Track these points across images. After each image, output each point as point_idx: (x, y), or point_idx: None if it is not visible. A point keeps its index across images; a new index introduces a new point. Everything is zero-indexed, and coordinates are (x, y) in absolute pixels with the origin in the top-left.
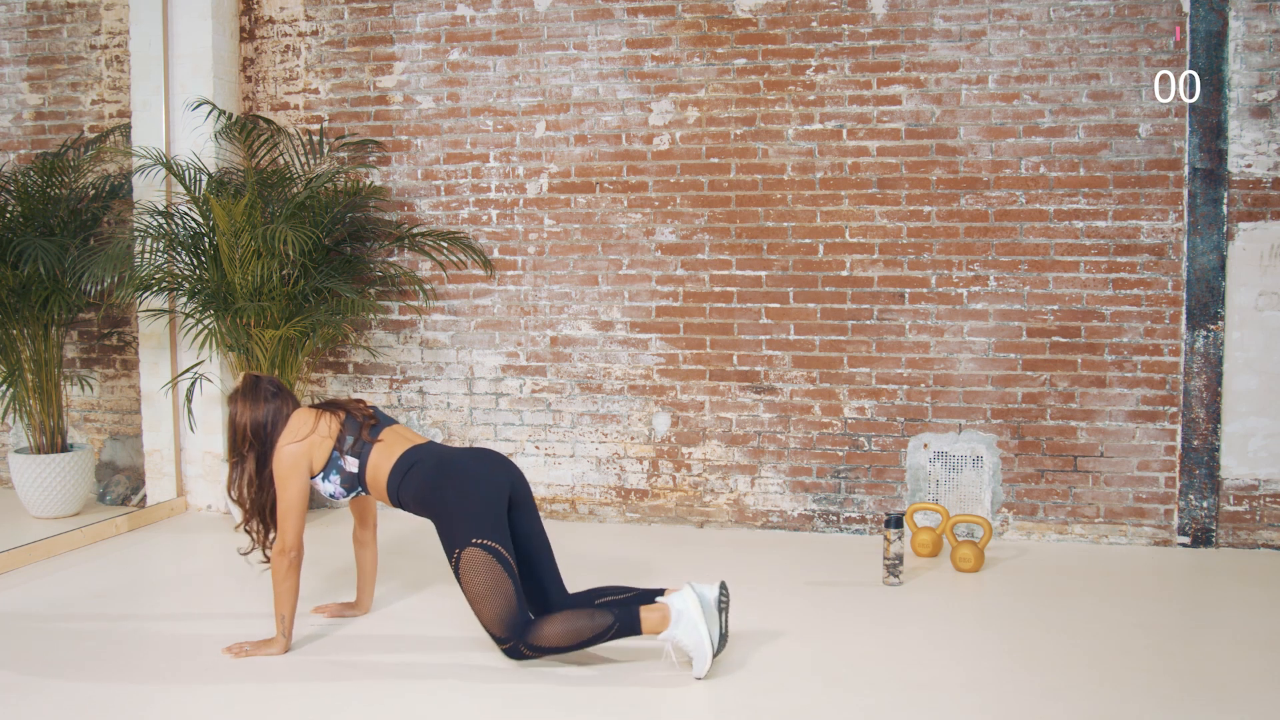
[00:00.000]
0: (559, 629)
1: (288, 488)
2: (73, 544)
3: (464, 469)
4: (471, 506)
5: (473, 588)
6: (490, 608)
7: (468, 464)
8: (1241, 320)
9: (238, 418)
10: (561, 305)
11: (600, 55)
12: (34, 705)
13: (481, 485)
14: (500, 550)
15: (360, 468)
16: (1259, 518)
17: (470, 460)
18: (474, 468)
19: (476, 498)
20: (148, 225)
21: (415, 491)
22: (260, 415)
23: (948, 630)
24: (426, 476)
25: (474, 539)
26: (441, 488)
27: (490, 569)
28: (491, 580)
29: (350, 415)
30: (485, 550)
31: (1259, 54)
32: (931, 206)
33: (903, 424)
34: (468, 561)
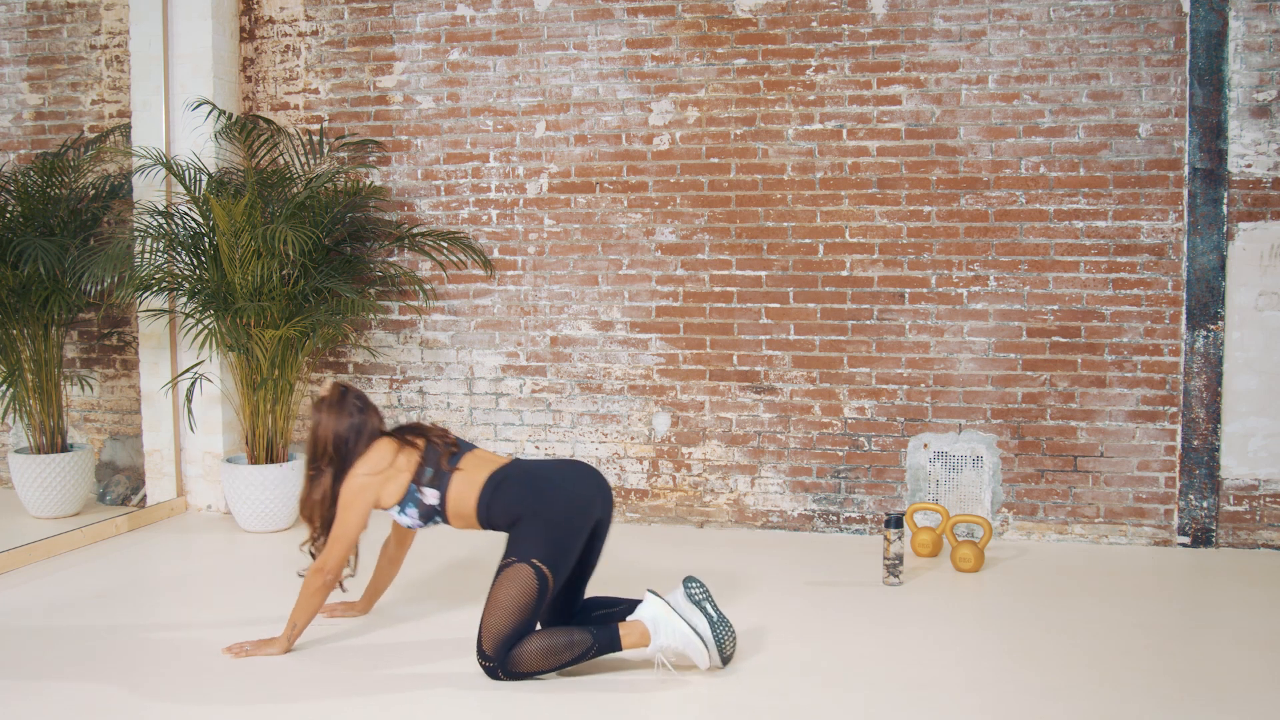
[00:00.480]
0: (536, 648)
1: (348, 515)
2: (73, 544)
3: (568, 491)
4: (556, 532)
5: (501, 597)
6: (501, 622)
7: (572, 485)
8: (1241, 320)
9: (320, 428)
10: (561, 305)
11: (600, 55)
12: (33, 706)
13: (576, 516)
14: (550, 581)
15: (440, 499)
16: (1259, 518)
17: (574, 481)
18: (578, 491)
19: (567, 527)
20: (148, 225)
21: (508, 504)
22: (343, 428)
23: (948, 630)
24: (521, 489)
25: (535, 559)
26: (539, 501)
27: (528, 593)
28: (522, 602)
29: (431, 444)
30: (537, 575)
31: (1259, 54)
32: (931, 206)
33: (903, 424)
34: (515, 574)
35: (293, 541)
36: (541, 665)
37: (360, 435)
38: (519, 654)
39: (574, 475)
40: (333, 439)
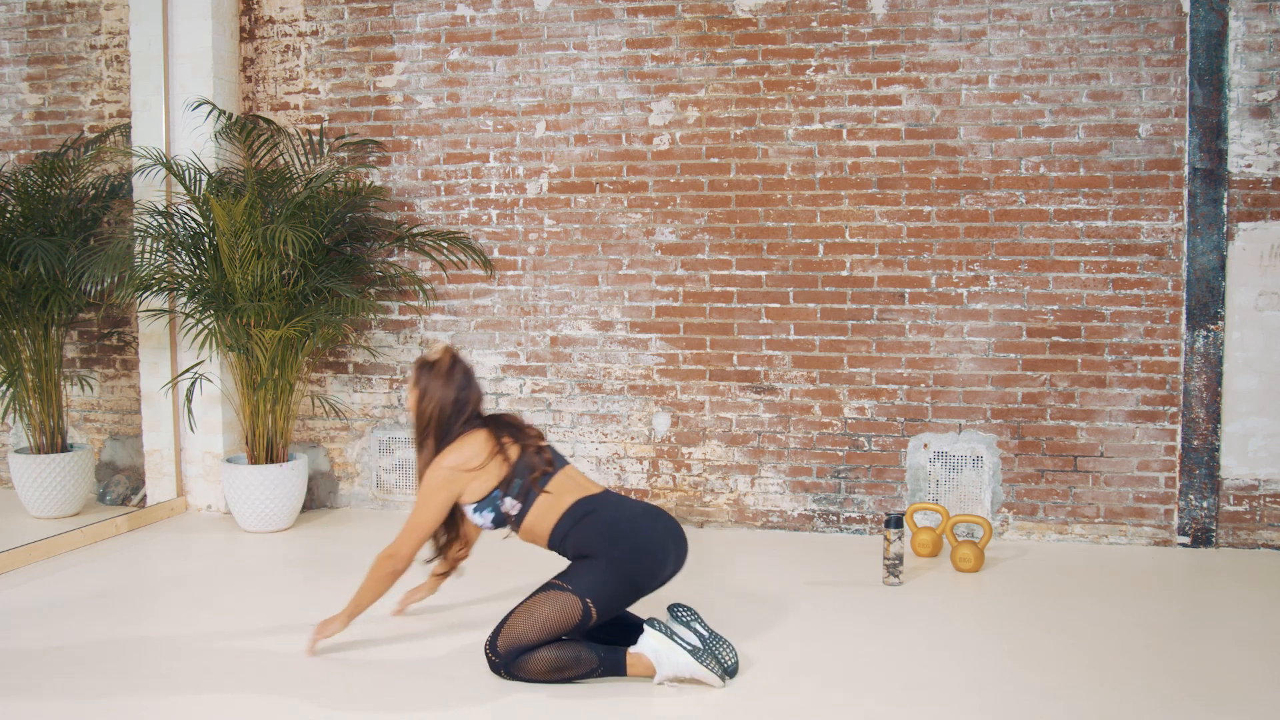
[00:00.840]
0: (544, 658)
1: (428, 506)
2: (73, 544)
3: (648, 550)
4: (620, 585)
5: (540, 611)
6: (527, 632)
7: (652, 545)
8: (1241, 320)
9: (427, 399)
10: (561, 305)
11: (600, 55)
12: (34, 705)
13: (645, 576)
14: (593, 619)
15: (520, 514)
16: (1259, 518)
17: (655, 540)
18: (657, 553)
19: (631, 583)
20: (148, 225)
21: (584, 540)
22: (449, 402)
23: (948, 630)
24: (603, 531)
25: (589, 598)
26: (615, 549)
27: (566, 620)
28: (556, 624)
29: (525, 455)
30: (583, 610)
31: (1259, 54)
32: (931, 206)
33: (903, 424)
34: (563, 599)
35: (292, 542)
36: (545, 676)
37: (461, 413)
38: (528, 661)
39: (657, 534)
40: (438, 412)
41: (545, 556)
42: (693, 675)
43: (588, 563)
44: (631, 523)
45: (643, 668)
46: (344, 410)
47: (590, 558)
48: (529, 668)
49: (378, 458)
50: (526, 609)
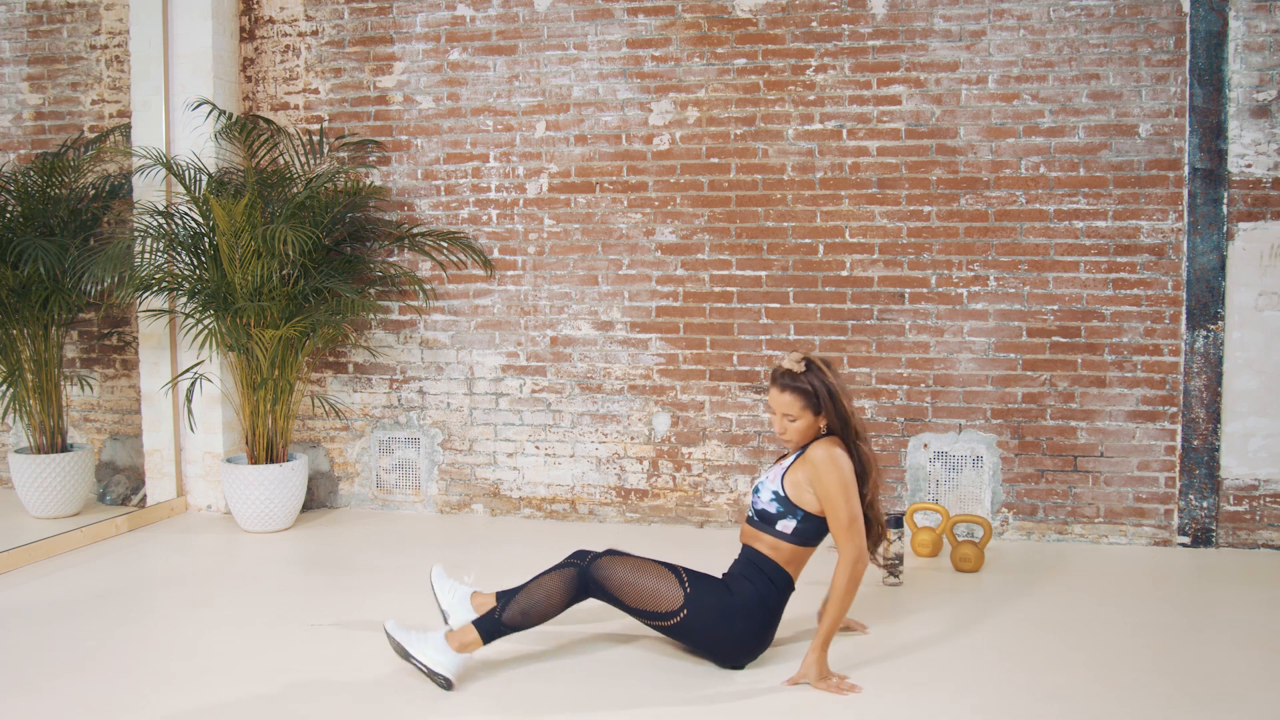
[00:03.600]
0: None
1: (852, 497)
2: (73, 544)
3: (755, 647)
4: (712, 636)
5: (643, 578)
6: (624, 576)
7: (759, 646)
8: (1241, 320)
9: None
10: (561, 305)
11: (600, 55)
12: (34, 705)
13: (725, 656)
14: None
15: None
16: (1259, 518)
17: (761, 646)
18: (756, 651)
19: (712, 641)
20: (148, 225)
21: (755, 597)
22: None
23: (947, 630)
24: (760, 612)
25: (686, 613)
26: (748, 625)
27: (648, 600)
28: (640, 594)
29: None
30: (667, 616)
31: (1259, 54)
32: (931, 206)
33: (903, 424)
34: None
35: (292, 542)
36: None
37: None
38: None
39: (765, 644)
40: (835, 391)
41: None
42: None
43: (728, 602)
44: (771, 627)
45: (463, 638)
46: (344, 410)
47: (737, 605)
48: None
49: (378, 458)
50: (644, 568)
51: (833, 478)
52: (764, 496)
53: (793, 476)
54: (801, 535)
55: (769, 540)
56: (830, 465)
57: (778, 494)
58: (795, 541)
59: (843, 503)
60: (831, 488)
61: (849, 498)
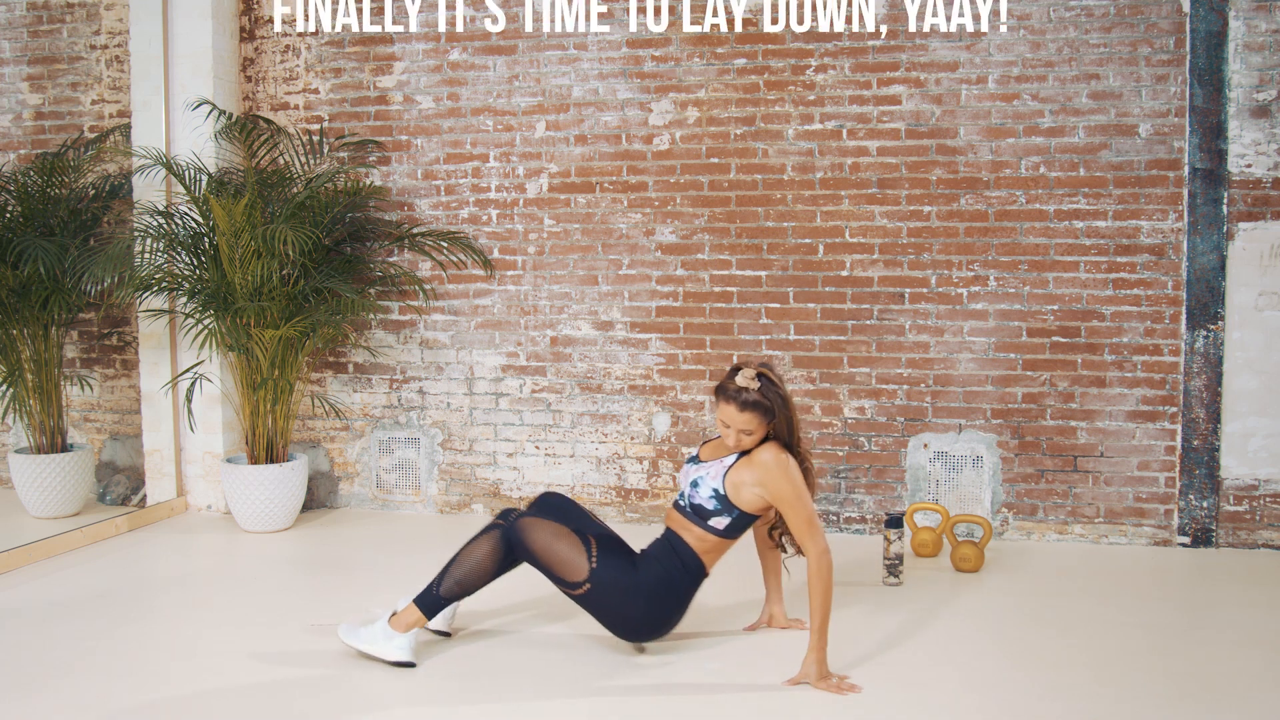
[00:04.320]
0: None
1: (806, 496)
2: (72, 544)
3: (661, 627)
4: (615, 611)
5: (559, 545)
6: (542, 537)
7: (665, 627)
8: (1241, 320)
9: (789, 403)
10: (561, 305)
11: (600, 55)
12: (34, 706)
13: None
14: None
15: (715, 531)
16: (1259, 518)
17: (668, 626)
18: (661, 630)
19: (618, 617)
20: (148, 225)
21: (661, 576)
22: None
23: (948, 630)
24: (665, 592)
25: (589, 586)
26: (649, 605)
27: (559, 565)
28: (553, 556)
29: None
30: (574, 585)
31: (1259, 54)
32: (931, 206)
33: (903, 424)
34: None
35: (292, 541)
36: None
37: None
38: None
39: (671, 625)
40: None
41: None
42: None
43: (631, 581)
44: (676, 611)
45: (406, 619)
46: (344, 410)
47: (640, 585)
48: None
49: (378, 458)
50: (560, 535)
51: (786, 482)
52: (703, 492)
53: (735, 477)
54: (731, 530)
55: (698, 532)
56: (783, 470)
57: (718, 492)
58: (723, 535)
59: (800, 504)
60: (787, 491)
61: (804, 498)
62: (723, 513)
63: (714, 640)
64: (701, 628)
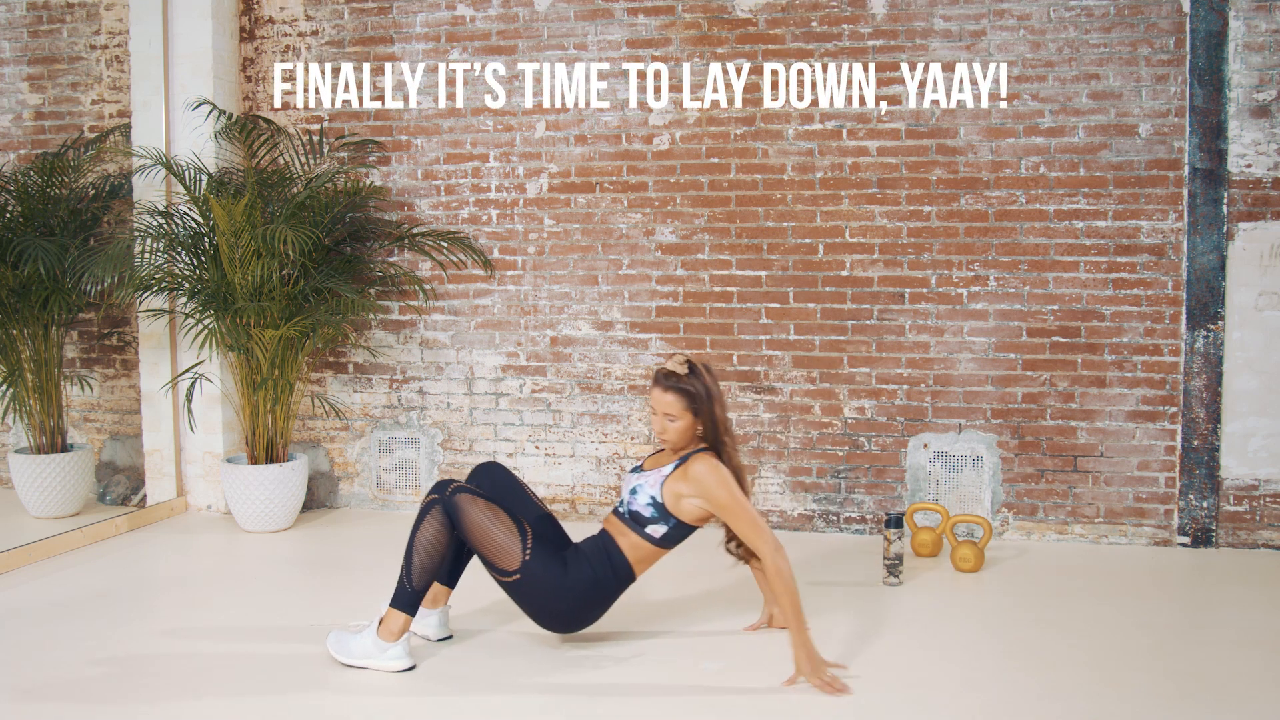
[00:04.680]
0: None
1: (744, 501)
2: (72, 544)
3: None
4: (544, 605)
5: (495, 530)
6: (478, 519)
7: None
8: (1241, 320)
9: (719, 400)
10: (561, 305)
11: (600, 55)
12: (33, 706)
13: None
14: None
15: (652, 539)
16: (1259, 518)
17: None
18: (586, 622)
19: (548, 612)
20: (148, 225)
21: (588, 573)
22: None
23: (948, 630)
24: (590, 588)
25: (520, 577)
26: (575, 605)
27: (494, 550)
28: (489, 541)
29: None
30: (505, 572)
31: (1259, 54)
32: (931, 206)
33: (903, 424)
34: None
35: (292, 542)
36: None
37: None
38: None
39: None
40: (725, 416)
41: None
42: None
43: (559, 580)
44: (598, 611)
45: (393, 625)
46: (344, 410)
47: (567, 583)
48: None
49: (378, 458)
50: (498, 518)
51: (722, 490)
52: (641, 500)
53: (672, 487)
54: (667, 539)
55: (633, 539)
56: (718, 480)
57: (655, 500)
58: (659, 544)
59: (740, 510)
60: (724, 499)
61: (743, 503)
62: (659, 521)
63: (714, 640)
64: (702, 628)
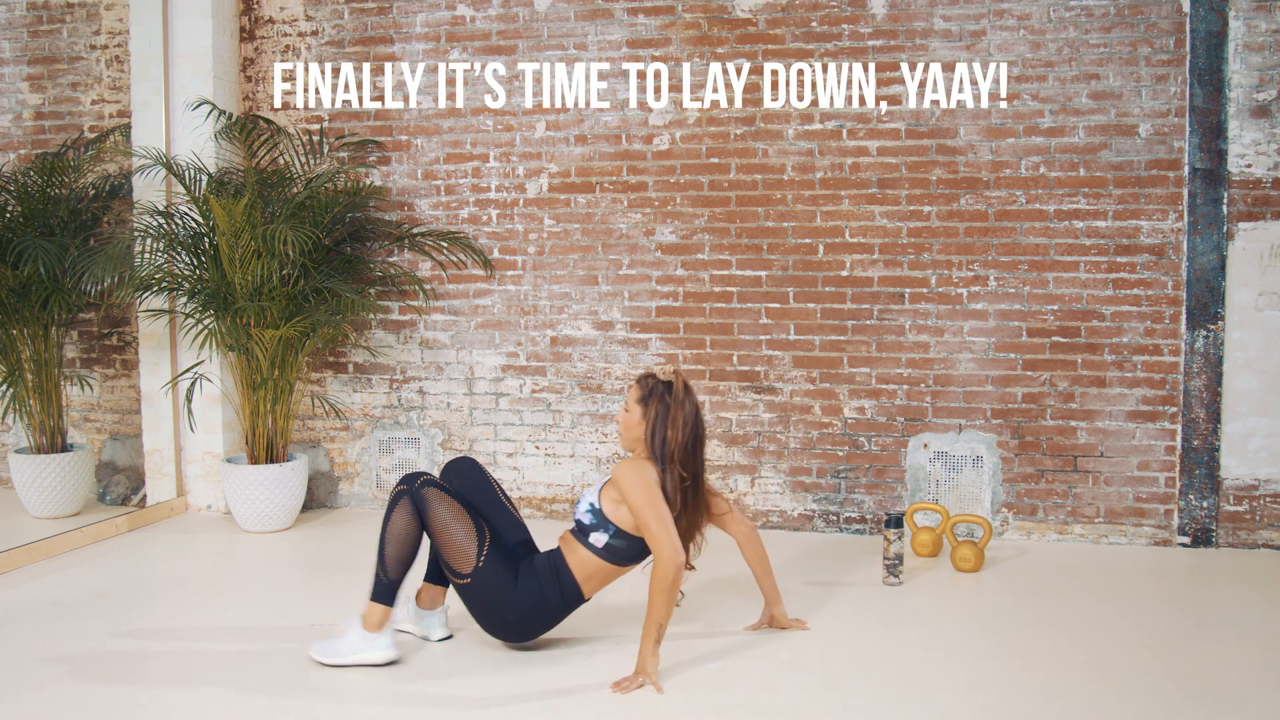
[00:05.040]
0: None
1: (655, 500)
2: (72, 544)
3: (535, 632)
4: (494, 616)
5: (456, 531)
6: (442, 517)
7: (539, 632)
8: (1241, 320)
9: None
10: (561, 305)
11: (600, 55)
12: (33, 706)
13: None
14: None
15: (595, 550)
16: (1259, 518)
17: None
18: (535, 634)
19: (497, 622)
20: (148, 225)
21: (539, 591)
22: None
23: (948, 630)
24: (542, 606)
25: (471, 580)
26: (522, 621)
27: (452, 550)
28: (450, 540)
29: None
30: (460, 575)
31: (1259, 54)
32: (931, 206)
33: (903, 424)
34: (467, 550)
35: (292, 542)
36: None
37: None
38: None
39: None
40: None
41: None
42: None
43: (507, 592)
44: (542, 629)
45: (373, 617)
46: (344, 410)
47: (514, 597)
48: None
49: (378, 458)
50: (460, 518)
51: (630, 482)
52: (582, 506)
53: (609, 491)
54: (612, 552)
55: (580, 554)
56: (632, 473)
57: (594, 506)
58: (605, 558)
59: (646, 506)
60: (630, 493)
61: (652, 502)
62: (599, 528)
63: (714, 640)
64: (702, 629)
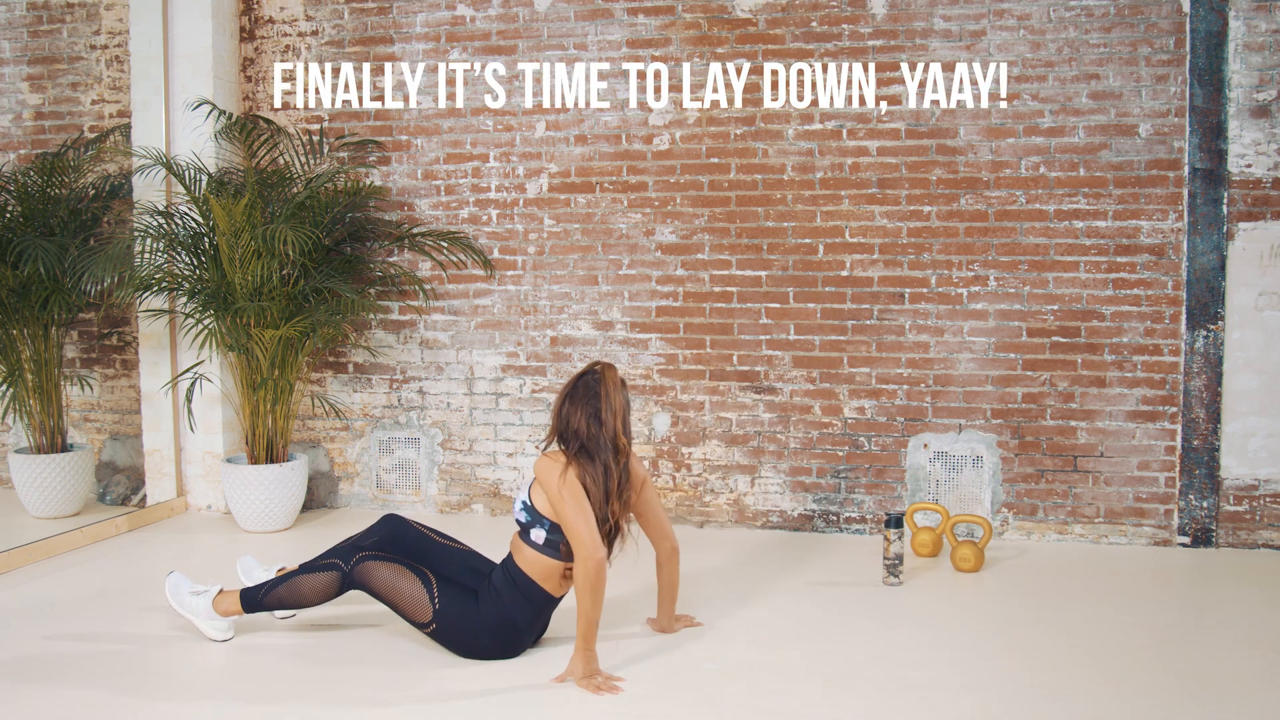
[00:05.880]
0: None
1: (570, 497)
2: (72, 544)
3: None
4: (465, 643)
5: (401, 586)
6: (384, 579)
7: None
8: (1241, 320)
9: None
10: (561, 305)
11: (600, 55)
12: (33, 706)
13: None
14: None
15: (536, 545)
16: (1259, 518)
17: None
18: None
19: (468, 645)
20: (148, 225)
21: (502, 606)
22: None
23: (948, 630)
24: (507, 621)
25: (435, 625)
26: (492, 639)
27: (405, 605)
28: (398, 597)
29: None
30: (422, 625)
31: (1259, 54)
32: (931, 206)
33: (903, 424)
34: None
35: (292, 542)
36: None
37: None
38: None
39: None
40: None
41: None
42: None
43: (473, 618)
44: (524, 639)
45: (228, 606)
46: (344, 410)
47: (481, 620)
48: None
49: (378, 458)
50: (401, 575)
51: (546, 480)
52: (517, 505)
53: (536, 487)
54: (553, 546)
55: (528, 553)
56: (546, 471)
57: (526, 503)
58: (548, 554)
59: (562, 504)
60: (550, 493)
61: (571, 499)
62: (535, 524)
63: (714, 640)
64: (701, 629)
